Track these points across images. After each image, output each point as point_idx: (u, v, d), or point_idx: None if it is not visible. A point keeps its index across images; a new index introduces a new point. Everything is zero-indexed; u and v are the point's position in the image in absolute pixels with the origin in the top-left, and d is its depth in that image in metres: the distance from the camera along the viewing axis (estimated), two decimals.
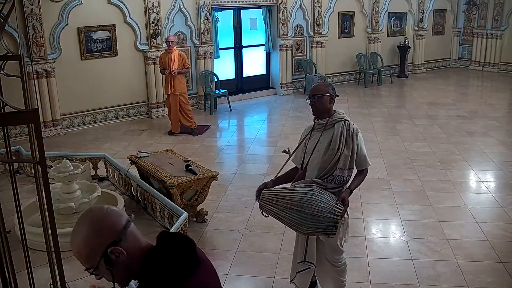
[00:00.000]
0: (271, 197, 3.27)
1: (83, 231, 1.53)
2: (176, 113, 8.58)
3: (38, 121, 1.93)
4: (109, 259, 1.51)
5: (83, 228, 1.54)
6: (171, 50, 8.42)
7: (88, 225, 1.53)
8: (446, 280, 4.20)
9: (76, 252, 1.55)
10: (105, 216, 1.55)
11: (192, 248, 1.58)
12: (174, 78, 8.40)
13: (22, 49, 2.73)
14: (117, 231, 1.53)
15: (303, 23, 12.10)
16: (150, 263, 1.54)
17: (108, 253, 1.50)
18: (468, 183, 6.54)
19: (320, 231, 3.20)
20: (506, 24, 13.99)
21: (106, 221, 1.54)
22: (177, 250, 1.56)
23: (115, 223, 1.54)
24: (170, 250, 1.56)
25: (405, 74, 14.00)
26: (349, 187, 3.38)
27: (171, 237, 1.62)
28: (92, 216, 1.56)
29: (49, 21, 8.64)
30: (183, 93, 8.62)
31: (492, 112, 10.03)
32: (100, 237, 1.51)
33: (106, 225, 1.53)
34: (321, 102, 3.37)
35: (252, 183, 6.34)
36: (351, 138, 3.35)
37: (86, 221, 1.55)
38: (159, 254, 1.55)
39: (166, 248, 1.57)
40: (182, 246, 1.58)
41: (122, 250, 1.51)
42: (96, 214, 1.56)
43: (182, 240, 1.61)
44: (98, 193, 5.24)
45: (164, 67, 8.50)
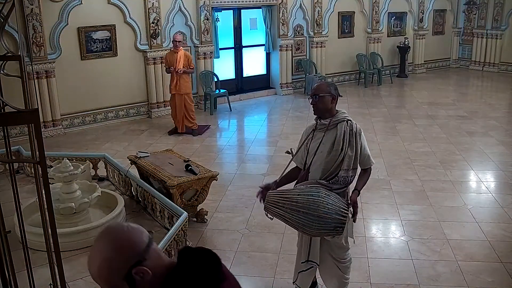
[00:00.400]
0: (277, 199, 3.25)
1: (103, 252, 1.41)
2: (181, 113, 8.60)
3: (38, 121, 1.93)
4: (132, 281, 1.40)
5: (103, 248, 1.42)
6: (177, 49, 8.43)
7: (109, 244, 1.42)
8: (446, 280, 4.20)
9: (96, 275, 1.43)
10: (127, 234, 1.44)
11: (217, 264, 1.51)
12: (179, 77, 8.42)
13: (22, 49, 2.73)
14: (140, 249, 1.42)
15: (303, 23, 12.11)
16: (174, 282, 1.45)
17: (132, 274, 1.40)
18: (468, 183, 6.54)
19: (327, 232, 3.19)
20: (506, 24, 13.99)
21: (128, 239, 1.43)
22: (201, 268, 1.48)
23: (138, 241, 1.43)
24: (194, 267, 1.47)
25: (405, 74, 14.00)
26: (357, 189, 3.38)
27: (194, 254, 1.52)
28: (113, 234, 1.45)
29: (49, 21, 8.64)
30: (188, 93, 8.64)
31: (492, 112, 10.03)
32: (123, 257, 1.40)
33: (128, 244, 1.42)
34: (322, 102, 3.35)
35: (252, 183, 6.35)
36: (354, 138, 3.34)
37: (106, 240, 1.43)
38: (182, 272, 1.46)
39: (189, 265, 1.48)
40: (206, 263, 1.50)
41: (147, 270, 1.41)
42: (116, 232, 1.45)
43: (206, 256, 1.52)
44: (98, 193, 5.24)
45: (169, 66, 8.51)
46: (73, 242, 4.74)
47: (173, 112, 8.76)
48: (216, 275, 1.49)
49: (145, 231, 1.49)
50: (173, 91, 8.56)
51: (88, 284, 4.21)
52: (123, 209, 5.31)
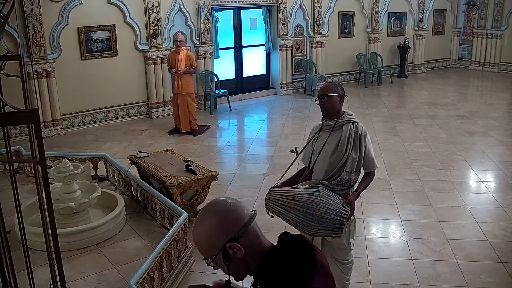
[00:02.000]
0: (278, 197, 3.25)
1: (205, 223, 1.54)
2: (185, 113, 8.60)
3: (38, 121, 1.93)
4: (227, 254, 1.51)
5: (206, 220, 1.55)
6: (179, 49, 8.43)
7: (211, 217, 1.54)
8: (446, 280, 4.20)
9: (197, 242, 1.57)
10: (229, 211, 1.54)
11: (311, 255, 1.55)
12: (181, 78, 8.42)
13: (22, 49, 2.73)
14: (238, 227, 1.52)
15: (303, 23, 12.11)
16: (267, 264, 1.53)
17: (226, 247, 1.51)
18: (468, 183, 6.54)
19: (326, 233, 3.18)
20: (506, 24, 13.99)
21: (229, 216, 1.54)
22: (296, 256, 1.53)
23: (238, 219, 1.54)
24: (289, 254, 1.54)
25: (405, 74, 14.00)
26: (357, 191, 3.37)
27: (292, 241, 1.59)
28: (216, 209, 1.56)
29: (49, 21, 8.64)
30: (190, 93, 8.64)
31: (492, 112, 10.03)
32: (221, 231, 1.52)
33: (228, 220, 1.53)
34: (330, 102, 3.35)
35: (252, 183, 6.35)
36: (359, 141, 3.33)
37: (209, 213, 1.56)
38: (277, 257, 1.53)
39: (286, 251, 1.55)
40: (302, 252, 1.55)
41: (240, 246, 1.51)
42: (220, 207, 1.56)
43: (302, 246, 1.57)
44: (98, 193, 5.24)
45: (171, 66, 8.52)
46: (73, 242, 4.74)
47: (175, 112, 8.76)
48: (310, 265, 1.53)
49: (247, 209, 1.58)
50: (176, 91, 8.56)
51: (88, 284, 4.21)
52: (123, 209, 5.31)
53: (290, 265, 1.51)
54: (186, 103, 8.58)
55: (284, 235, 1.61)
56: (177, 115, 8.72)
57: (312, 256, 1.56)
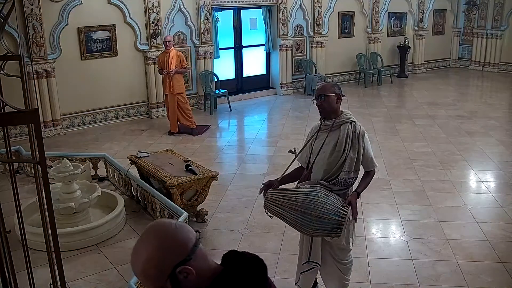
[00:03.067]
0: (276, 197, 3.25)
1: (149, 249, 1.39)
2: (174, 113, 8.61)
3: (38, 121, 1.93)
4: (176, 280, 1.38)
5: (149, 245, 1.40)
6: (168, 50, 8.44)
7: (156, 241, 1.39)
8: (446, 280, 4.20)
9: (140, 271, 1.41)
10: (175, 232, 1.41)
11: (264, 272, 1.48)
12: (172, 78, 8.43)
13: (22, 49, 2.73)
14: (187, 248, 1.39)
15: (303, 23, 12.10)
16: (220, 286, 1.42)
17: (176, 273, 1.37)
18: (468, 183, 6.54)
19: (325, 233, 3.18)
20: (506, 24, 13.99)
21: (176, 238, 1.40)
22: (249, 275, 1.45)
23: (186, 239, 1.41)
24: (242, 274, 1.44)
25: (405, 74, 14.00)
26: (356, 191, 3.36)
27: (242, 259, 1.50)
28: (160, 231, 1.42)
29: (49, 21, 8.64)
30: (181, 92, 8.64)
31: (492, 112, 10.03)
32: (169, 255, 1.37)
33: (176, 242, 1.40)
34: (328, 102, 3.34)
35: (252, 183, 6.35)
36: (357, 140, 3.32)
37: (152, 237, 1.41)
38: (230, 278, 1.42)
39: (237, 272, 1.45)
40: (254, 271, 1.47)
41: (191, 269, 1.38)
42: (164, 229, 1.42)
43: (254, 263, 1.49)
44: (98, 193, 5.24)
45: (162, 67, 8.54)
46: (73, 242, 4.74)
47: (168, 112, 8.78)
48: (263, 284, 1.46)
49: (192, 230, 1.46)
50: (167, 91, 8.58)
51: (88, 284, 4.21)
52: (123, 209, 5.31)
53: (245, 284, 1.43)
54: (177, 102, 8.58)
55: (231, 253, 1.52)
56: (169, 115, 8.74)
57: (264, 274, 1.48)
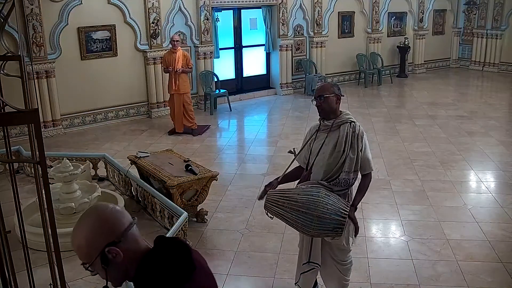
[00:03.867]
0: (277, 198, 3.24)
1: (85, 227, 1.55)
2: (180, 113, 8.62)
3: (38, 121, 1.93)
4: (105, 258, 1.52)
5: (85, 224, 1.56)
6: (175, 49, 8.45)
7: (91, 221, 1.56)
8: (446, 280, 4.20)
9: (76, 246, 1.57)
10: (109, 215, 1.57)
11: (187, 253, 1.59)
12: (178, 77, 8.43)
13: (22, 49, 2.73)
14: (118, 232, 1.54)
15: (303, 23, 12.10)
16: (146, 267, 1.55)
17: (105, 252, 1.52)
18: (468, 183, 6.54)
19: (326, 233, 3.18)
20: (506, 24, 13.99)
21: (109, 221, 1.55)
22: (172, 255, 1.57)
23: (117, 223, 1.56)
24: (166, 255, 1.57)
25: (405, 74, 14.00)
26: (353, 205, 3.30)
27: (167, 242, 1.63)
28: (96, 213, 1.58)
29: (49, 21, 8.64)
30: (186, 92, 8.66)
31: (492, 112, 10.03)
32: (100, 236, 1.53)
33: (108, 224, 1.55)
34: (327, 103, 3.33)
35: (252, 183, 6.35)
36: (356, 141, 3.31)
37: (90, 216, 1.57)
38: (154, 259, 1.56)
39: (162, 253, 1.58)
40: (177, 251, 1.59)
41: (119, 251, 1.53)
42: (100, 212, 1.58)
43: (177, 245, 1.62)
44: (98, 193, 5.24)
45: (167, 66, 8.53)
46: None
47: (172, 112, 8.78)
48: (187, 264, 1.56)
49: (127, 215, 1.60)
50: (172, 91, 8.57)
51: (88, 284, 4.21)
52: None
53: (168, 265, 1.54)
54: (182, 102, 8.59)
55: (159, 238, 1.63)
56: (174, 115, 8.73)
57: (188, 255, 1.59)
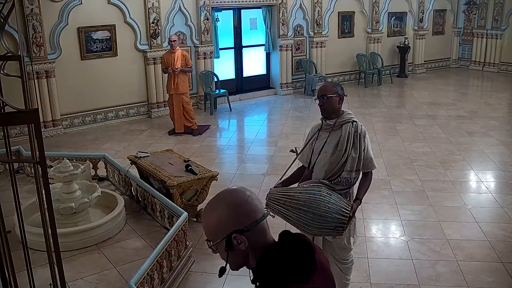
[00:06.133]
0: (279, 196, 3.24)
1: (218, 208, 1.56)
2: (180, 113, 8.62)
3: (38, 121, 1.93)
4: (230, 243, 1.54)
5: (220, 205, 1.57)
6: (173, 49, 8.46)
7: (226, 204, 1.56)
8: (446, 280, 4.20)
9: (205, 224, 1.60)
10: (244, 203, 1.56)
11: (310, 253, 1.57)
12: (177, 77, 8.43)
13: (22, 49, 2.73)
14: (249, 221, 1.54)
15: (303, 23, 12.11)
16: (267, 260, 1.54)
17: (232, 237, 1.53)
18: (468, 183, 6.54)
19: (327, 232, 3.18)
20: (506, 24, 13.99)
21: (243, 208, 1.55)
22: (295, 253, 1.55)
23: (250, 213, 1.55)
24: (288, 251, 1.56)
25: (405, 74, 14.00)
26: (358, 198, 3.35)
27: (291, 238, 1.61)
28: (233, 197, 1.58)
29: (49, 21, 8.64)
30: (185, 92, 8.66)
31: (492, 112, 10.03)
32: (231, 221, 1.54)
33: (241, 212, 1.55)
34: (329, 103, 3.34)
35: (252, 183, 6.35)
36: (359, 140, 3.32)
37: (225, 199, 1.58)
38: (276, 254, 1.55)
39: (285, 249, 1.57)
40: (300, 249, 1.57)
41: (245, 239, 1.53)
42: (237, 197, 1.58)
43: (301, 243, 1.59)
44: (98, 193, 5.23)
45: (166, 66, 8.54)
46: (73, 242, 4.74)
47: (171, 112, 8.78)
48: (309, 264, 1.54)
49: (262, 206, 1.61)
50: (171, 91, 8.57)
51: (88, 284, 4.21)
52: (123, 209, 5.31)
53: (289, 262, 1.52)
54: (181, 102, 8.59)
55: (284, 233, 1.63)
56: (173, 115, 8.73)
57: (311, 255, 1.57)
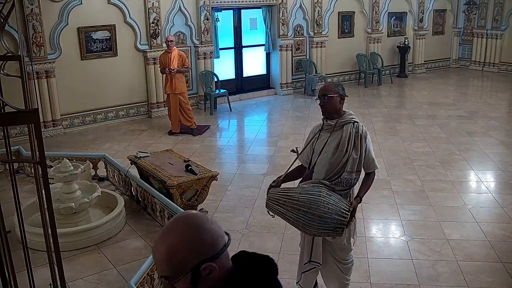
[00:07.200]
0: (278, 197, 3.25)
1: (182, 235, 1.33)
2: (176, 113, 8.61)
3: (38, 121, 1.93)
4: (198, 275, 1.32)
5: (184, 231, 1.34)
6: (170, 50, 8.46)
7: (192, 229, 1.34)
8: (446, 280, 4.20)
9: (163, 255, 1.34)
10: (213, 227, 1.36)
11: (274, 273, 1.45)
12: (174, 77, 8.43)
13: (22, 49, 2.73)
14: (218, 246, 1.35)
15: (303, 23, 12.10)
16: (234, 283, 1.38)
17: (200, 268, 1.32)
18: (468, 183, 6.54)
19: (327, 232, 3.18)
20: (506, 24, 13.98)
21: (211, 232, 1.35)
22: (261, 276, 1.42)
23: (219, 237, 1.37)
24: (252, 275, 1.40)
25: (405, 74, 13.99)
26: (358, 195, 3.36)
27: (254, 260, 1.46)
28: (198, 221, 1.36)
29: (49, 21, 8.64)
30: (182, 92, 8.65)
31: (492, 112, 10.03)
32: (200, 248, 1.32)
33: (211, 237, 1.34)
34: (330, 103, 3.34)
35: (252, 183, 6.35)
36: (360, 141, 3.32)
37: (189, 224, 1.35)
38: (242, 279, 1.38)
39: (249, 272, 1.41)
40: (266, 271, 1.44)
41: (216, 268, 1.33)
42: (202, 221, 1.37)
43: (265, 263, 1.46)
44: (98, 193, 5.24)
45: (164, 67, 8.54)
46: (73, 242, 4.74)
47: (169, 112, 8.78)
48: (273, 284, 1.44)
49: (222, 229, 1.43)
50: (168, 91, 8.58)
51: (88, 284, 4.21)
52: (123, 209, 5.31)
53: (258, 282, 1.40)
54: (178, 102, 8.58)
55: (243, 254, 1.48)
56: (170, 115, 8.73)
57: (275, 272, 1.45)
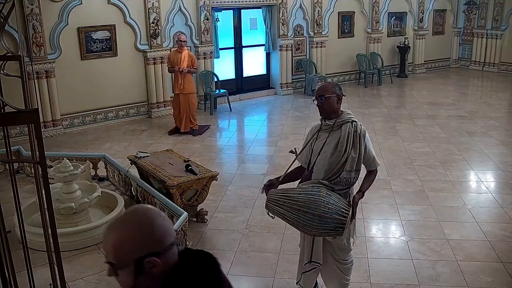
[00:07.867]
0: (278, 198, 3.25)
1: (133, 226, 1.38)
2: (186, 112, 8.62)
3: (38, 121, 1.93)
4: (141, 267, 1.37)
5: (135, 223, 1.39)
6: (181, 49, 8.46)
7: (142, 222, 1.39)
8: (446, 280, 4.20)
9: (112, 243, 1.38)
10: (163, 223, 1.41)
11: (216, 269, 1.48)
12: (184, 77, 8.44)
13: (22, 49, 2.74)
14: (166, 243, 1.40)
15: (303, 23, 12.10)
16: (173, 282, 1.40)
17: (144, 260, 1.36)
18: (468, 183, 6.54)
19: (327, 232, 3.18)
20: (506, 24, 13.99)
21: (161, 229, 1.40)
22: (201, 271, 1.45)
23: (168, 234, 1.41)
24: (194, 270, 1.44)
25: (405, 74, 14.00)
26: (361, 190, 3.38)
27: (195, 256, 1.49)
28: (151, 216, 1.41)
29: (49, 21, 8.64)
30: (192, 92, 8.68)
31: (492, 112, 10.03)
32: (146, 242, 1.37)
33: (160, 233, 1.39)
34: (328, 103, 3.34)
35: (252, 183, 6.35)
36: (358, 140, 3.32)
37: (142, 218, 1.40)
38: (182, 274, 1.42)
39: (190, 267, 1.44)
40: (207, 267, 1.47)
41: (159, 263, 1.37)
42: (154, 216, 1.41)
43: (206, 259, 1.49)
44: (98, 193, 5.24)
45: (173, 65, 8.53)
46: (73, 242, 4.74)
47: (176, 112, 8.77)
48: (216, 280, 1.46)
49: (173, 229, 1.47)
50: (177, 90, 8.58)
51: (88, 284, 4.21)
52: (123, 209, 5.31)
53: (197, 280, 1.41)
54: (188, 102, 8.60)
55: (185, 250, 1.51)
56: (177, 115, 8.73)
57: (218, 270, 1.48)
